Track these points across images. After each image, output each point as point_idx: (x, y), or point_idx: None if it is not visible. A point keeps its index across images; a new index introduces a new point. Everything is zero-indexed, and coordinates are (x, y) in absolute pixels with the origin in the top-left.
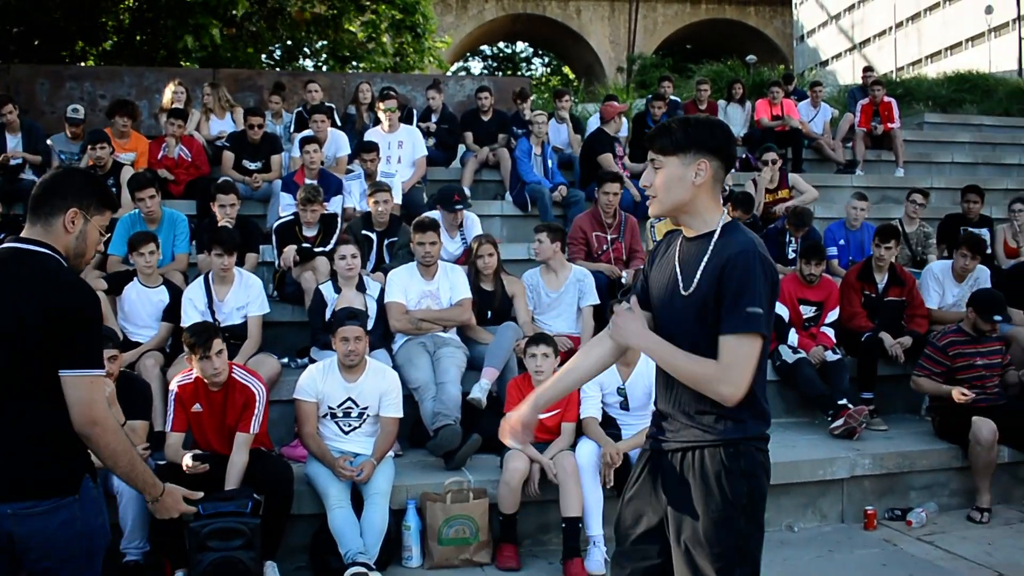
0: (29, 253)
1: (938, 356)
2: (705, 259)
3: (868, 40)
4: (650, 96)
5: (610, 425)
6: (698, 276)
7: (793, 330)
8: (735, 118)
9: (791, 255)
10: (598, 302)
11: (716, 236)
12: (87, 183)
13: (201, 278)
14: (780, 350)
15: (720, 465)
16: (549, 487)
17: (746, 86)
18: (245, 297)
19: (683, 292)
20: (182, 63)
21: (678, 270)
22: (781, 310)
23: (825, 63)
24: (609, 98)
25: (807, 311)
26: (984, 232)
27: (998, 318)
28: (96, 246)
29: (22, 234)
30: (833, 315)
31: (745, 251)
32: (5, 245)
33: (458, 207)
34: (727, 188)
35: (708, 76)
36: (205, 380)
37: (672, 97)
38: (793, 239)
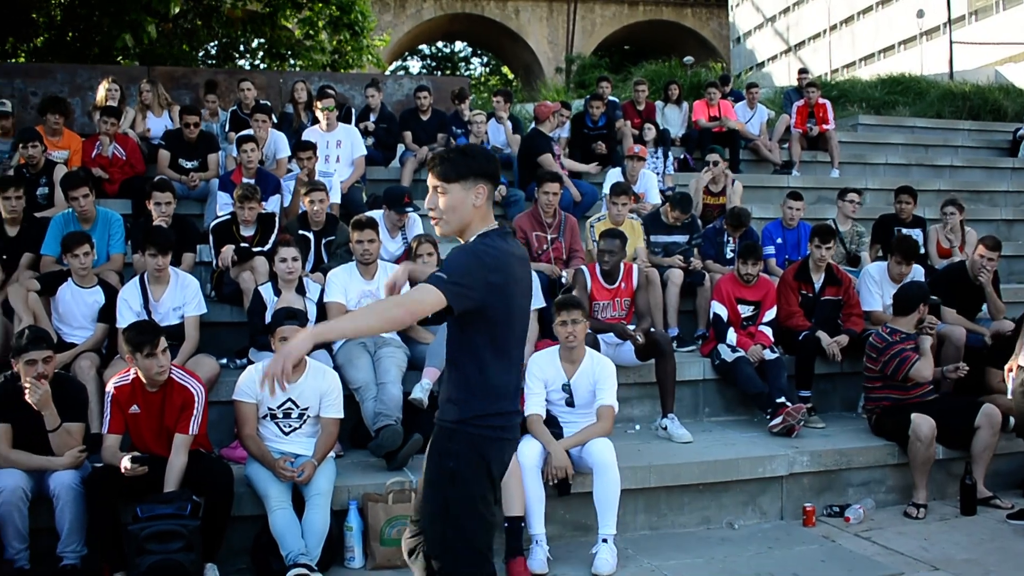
0: None
1: (906, 345)
2: None
3: (803, 42)
4: (588, 96)
5: (552, 424)
6: None
7: (732, 329)
8: (672, 119)
9: (729, 255)
10: (544, 304)
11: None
12: None
13: (137, 278)
14: (719, 349)
15: (433, 443)
16: None
17: (683, 87)
18: (182, 297)
19: None
20: (117, 60)
21: None
22: (720, 309)
23: (761, 65)
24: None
25: (745, 310)
26: (917, 232)
27: (935, 297)
28: None
29: None
30: (771, 314)
31: (460, 247)
32: None
33: (407, 210)
34: (673, 188)
35: (646, 77)
36: (146, 380)
37: (611, 97)
38: (731, 239)
